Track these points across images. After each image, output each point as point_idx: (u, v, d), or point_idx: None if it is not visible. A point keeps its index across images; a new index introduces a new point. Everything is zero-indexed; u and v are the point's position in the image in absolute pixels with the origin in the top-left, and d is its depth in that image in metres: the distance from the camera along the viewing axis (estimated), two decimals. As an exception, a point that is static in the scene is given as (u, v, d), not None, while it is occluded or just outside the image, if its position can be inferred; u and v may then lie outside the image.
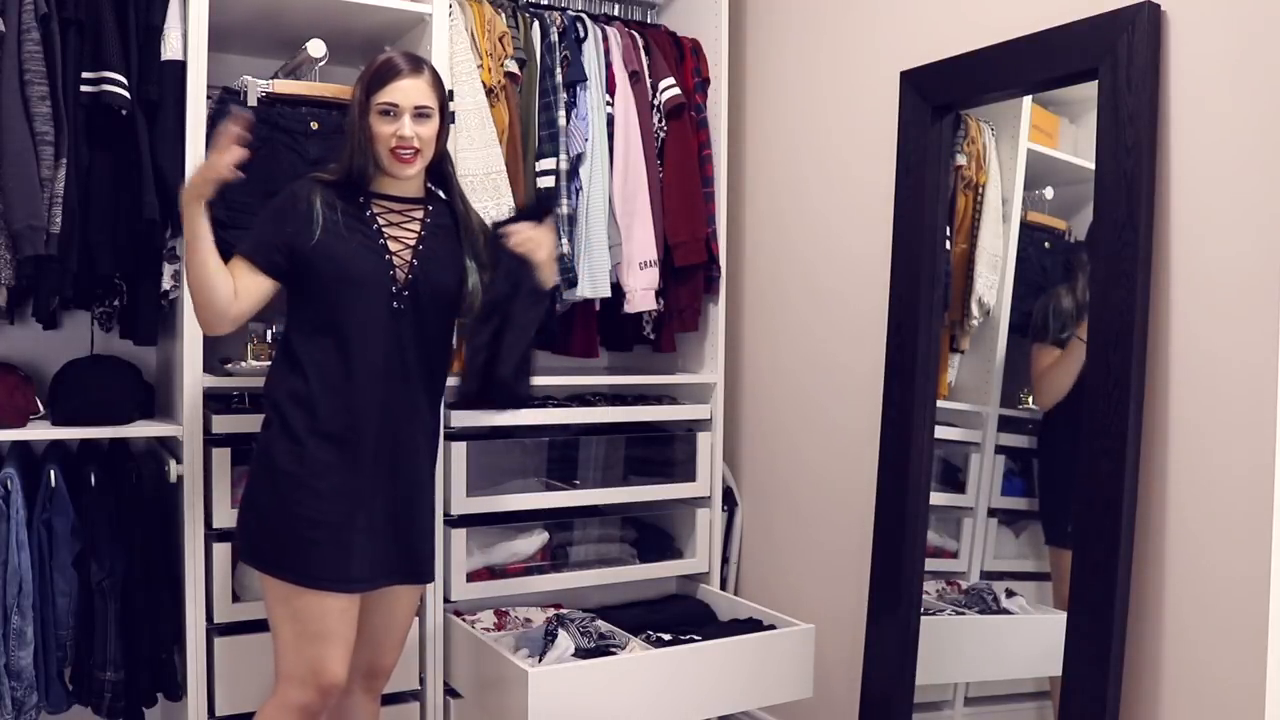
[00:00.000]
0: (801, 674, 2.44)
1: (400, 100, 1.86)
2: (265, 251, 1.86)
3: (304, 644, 1.83)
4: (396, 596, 2.00)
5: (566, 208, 2.55)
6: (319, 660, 1.83)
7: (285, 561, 1.83)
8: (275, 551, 1.84)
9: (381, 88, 1.86)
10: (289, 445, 1.84)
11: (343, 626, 1.85)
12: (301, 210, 1.87)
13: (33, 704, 2.11)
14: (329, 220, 1.86)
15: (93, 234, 2.15)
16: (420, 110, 1.88)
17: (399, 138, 1.86)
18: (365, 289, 1.86)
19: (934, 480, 2.33)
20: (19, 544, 2.09)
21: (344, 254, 1.86)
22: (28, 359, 2.42)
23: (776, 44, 2.85)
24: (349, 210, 1.89)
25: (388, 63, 1.89)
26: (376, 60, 1.91)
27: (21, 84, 2.03)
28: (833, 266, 2.65)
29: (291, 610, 1.83)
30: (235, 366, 2.32)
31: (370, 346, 1.86)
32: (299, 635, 1.83)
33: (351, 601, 1.86)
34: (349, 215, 1.89)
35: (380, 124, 1.87)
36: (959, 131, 2.34)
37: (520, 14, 2.60)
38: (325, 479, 1.83)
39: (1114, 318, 1.87)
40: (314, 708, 1.85)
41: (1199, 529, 1.79)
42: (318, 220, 1.85)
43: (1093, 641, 1.88)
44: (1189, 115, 1.82)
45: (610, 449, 2.77)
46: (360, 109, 1.88)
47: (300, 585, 1.81)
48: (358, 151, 1.89)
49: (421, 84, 1.88)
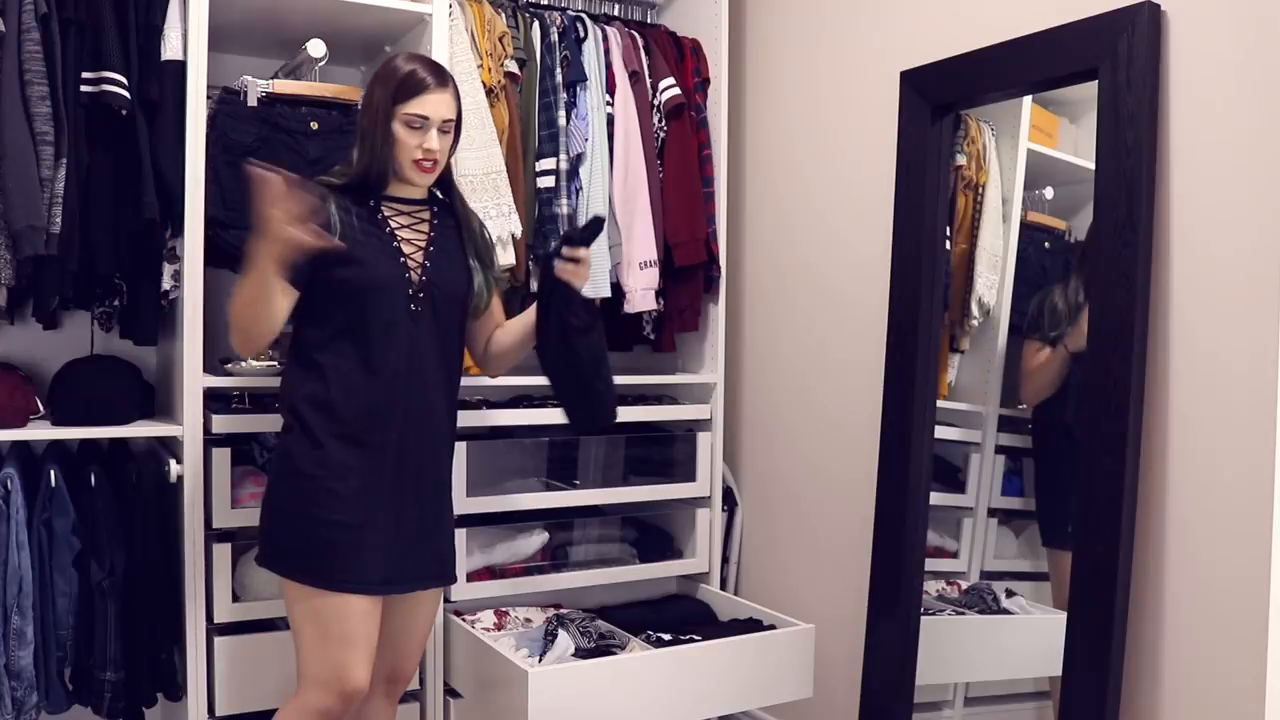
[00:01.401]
0: (801, 674, 2.44)
1: (430, 113, 1.86)
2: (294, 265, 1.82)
3: (326, 647, 1.81)
4: (419, 600, 1.99)
5: (566, 208, 2.55)
6: (342, 665, 1.81)
7: (306, 564, 1.82)
8: (297, 554, 1.83)
9: (411, 99, 1.85)
10: (309, 449, 1.84)
11: (365, 629, 1.83)
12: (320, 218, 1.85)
13: (33, 704, 2.11)
14: (346, 225, 1.86)
15: (93, 234, 2.15)
16: (445, 124, 1.89)
17: (425, 150, 1.87)
18: (384, 292, 1.86)
19: (934, 480, 2.33)
20: (19, 544, 2.09)
21: (363, 258, 1.85)
22: (28, 359, 2.42)
23: (776, 44, 2.85)
24: (361, 214, 1.89)
25: (415, 74, 1.86)
26: (401, 68, 1.88)
27: (21, 84, 2.03)
28: (833, 266, 2.65)
29: (313, 612, 1.82)
30: (235, 366, 2.31)
31: (390, 349, 1.86)
32: (321, 638, 1.81)
33: (374, 604, 1.85)
34: (362, 219, 1.88)
35: (406, 134, 1.86)
36: (959, 131, 2.34)
37: (520, 14, 2.60)
38: (346, 481, 1.83)
39: (1114, 318, 1.87)
40: (334, 712, 1.83)
41: (1199, 529, 1.79)
42: (335, 227, 1.84)
43: (1093, 641, 1.88)
44: (1189, 115, 1.82)
45: (610, 449, 2.77)
46: (384, 115, 1.86)
47: (321, 588, 1.80)
48: (378, 157, 1.88)
49: (448, 98, 1.89)
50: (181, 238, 2.18)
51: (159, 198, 2.16)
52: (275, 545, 1.88)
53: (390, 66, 1.90)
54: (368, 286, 1.85)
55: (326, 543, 1.81)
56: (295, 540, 1.84)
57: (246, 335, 1.82)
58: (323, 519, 1.82)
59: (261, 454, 2.37)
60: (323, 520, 1.82)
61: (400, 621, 1.98)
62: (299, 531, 1.83)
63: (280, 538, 1.86)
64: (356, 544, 1.82)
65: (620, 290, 2.66)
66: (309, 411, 1.85)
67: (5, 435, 2.15)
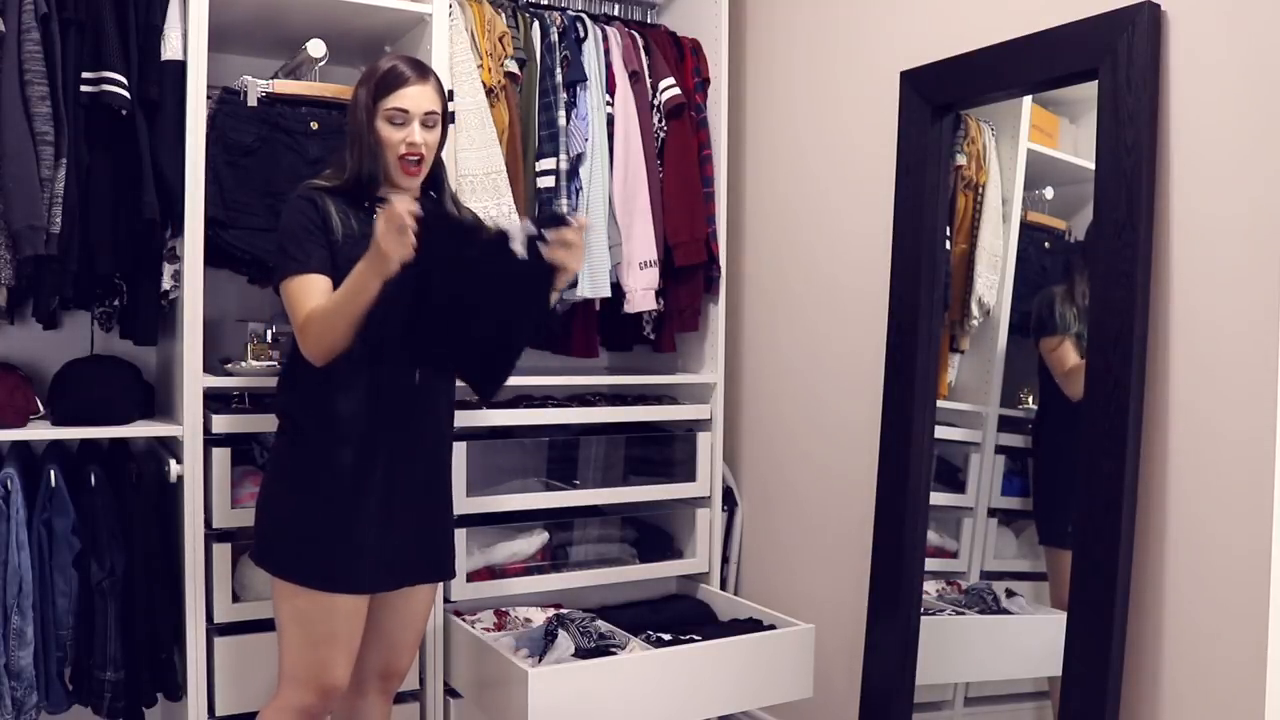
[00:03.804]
0: (801, 674, 2.44)
1: (410, 106, 1.85)
2: (327, 267, 1.82)
3: (309, 646, 1.84)
4: (413, 596, 2.00)
5: (566, 208, 2.55)
6: (322, 664, 1.84)
7: (296, 563, 1.83)
8: (288, 555, 1.85)
9: (389, 94, 1.85)
10: (305, 450, 1.85)
11: (348, 628, 1.85)
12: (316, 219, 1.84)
13: (33, 704, 2.11)
14: (346, 228, 1.85)
15: (93, 234, 2.15)
16: (428, 116, 1.88)
17: (409, 144, 1.86)
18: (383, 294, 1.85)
19: (934, 480, 2.33)
20: (19, 544, 2.09)
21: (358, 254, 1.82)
22: (28, 359, 2.42)
23: (776, 44, 2.85)
24: (358, 217, 1.88)
25: (394, 69, 1.87)
26: (381, 66, 1.89)
27: (21, 84, 2.03)
28: (833, 266, 2.65)
29: (299, 611, 1.84)
30: (235, 366, 2.31)
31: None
32: (305, 637, 1.84)
33: (361, 602, 1.87)
34: (360, 222, 1.87)
35: (388, 130, 1.86)
36: (959, 131, 2.34)
37: (520, 14, 2.60)
38: (339, 482, 1.84)
39: (1114, 318, 1.87)
40: (314, 710, 1.86)
41: (1199, 529, 1.79)
42: (337, 230, 1.84)
43: (1093, 641, 1.88)
44: (1189, 115, 1.82)
45: (610, 449, 2.77)
46: (366, 114, 1.86)
47: (309, 587, 1.82)
48: (367, 157, 1.87)
49: (429, 90, 1.89)
50: (181, 238, 2.18)
51: (159, 198, 2.16)
52: (267, 544, 1.89)
53: (371, 67, 1.91)
54: None
55: (316, 542, 1.83)
56: (286, 540, 1.85)
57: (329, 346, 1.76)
58: (317, 520, 1.83)
59: (261, 454, 2.37)
60: (317, 522, 1.83)
61: (394, 617, 1.99)
62: (290, 531, 1.85)
63: (272, 537, 1.88)
64: (347, 544, 1.83)
65: (620, 290, 2.66)
66: (306, 414, 1.86)
67: (5, 435, 2.15)
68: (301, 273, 1.80)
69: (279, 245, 1.85)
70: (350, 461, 1.84)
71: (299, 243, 1.82)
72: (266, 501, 1.92)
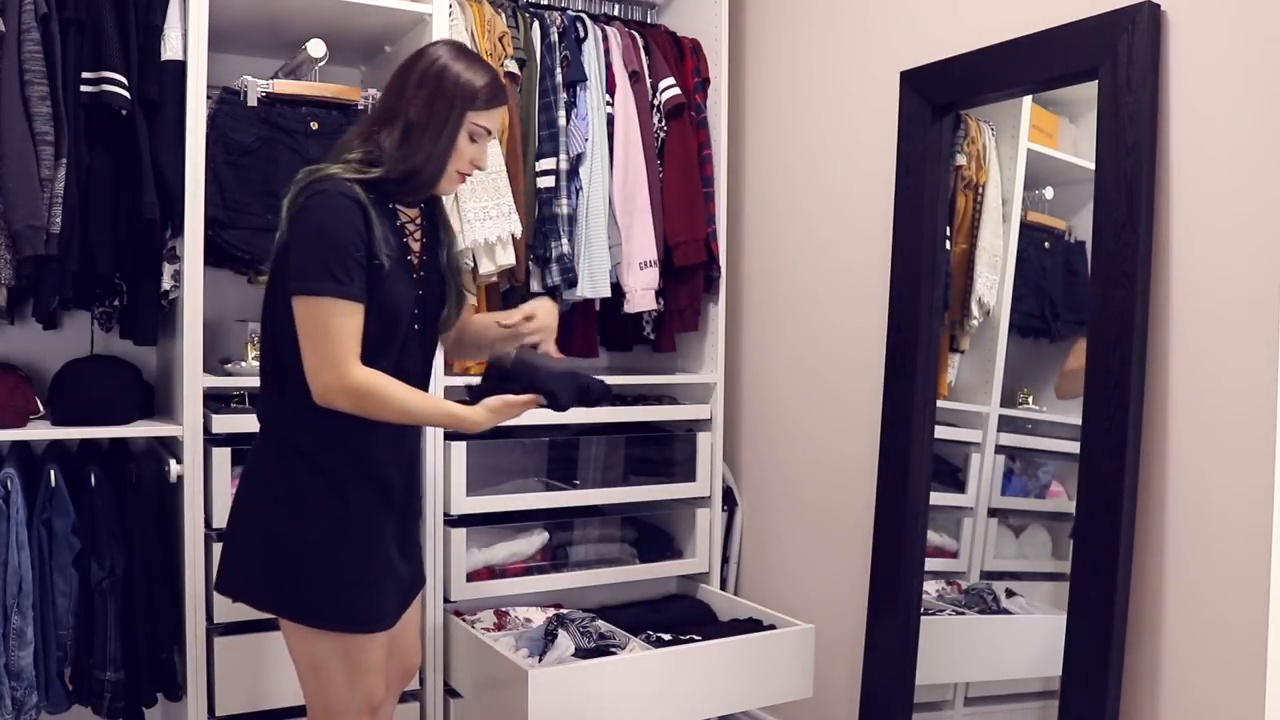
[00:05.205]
0: (801, 674, 2.44)
1: (494, 128, 1.76)
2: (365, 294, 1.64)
3: (354, 680, 1.74)
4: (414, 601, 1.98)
5: (566, 208, 2.55)
6: (368, 691, 1.76)
7: (333, 611, 1.70)
8: (326, 602, 1.69)
9: (488, 109, 1.72)
10: (325, 485, 1.69)
11: (384, 652, 1.80)
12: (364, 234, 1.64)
13: (33, 704, 2.11)
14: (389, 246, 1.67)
15: (93, 234, 2.15)
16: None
17: (475, 164, 1.76)
18: (404, 311, 1.72)
19: (934, 480, 2.33)
20: (19, 544, 2.09)
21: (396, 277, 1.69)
22: (28, 359, 2.42)
23: (776, 44, 2.85)
24: (391, 226, 1.72)
25: (498, 85, 1.74)
26: (481, 76, 1.72)
27: (21, 84, 2.03)
28: (833, 266, 2.65)
29: (342, 654, 1.72)
30: (235, 366, 2.32)
31: (402, 374, 1.70)
32: (348, 673, 1.73)
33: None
34: (388, 230, 1.70)
35: (467, 144, 1.72)
36: (959, 131, 2.34)
37: (520, 14, 2.60)
38: (368, 519, 1.73)
39: (1114, 318, 1.87)
40: None
41: (1199, 529, 1.79)
42: (381, 252, 1.65)
43: (1093, 641, 1.88)
44: (1189, 115, 1.82)
45: (610, 449, 2.77)
46: (457, 119, 1.70)
47: (347, 633, 1.71)
48: (436, 160, 1.71)
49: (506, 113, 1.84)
50: (181, 238, 2.18)
51: (159, 198, 2.16)
52: (294, 594, 1.71)
53: (467, 73, 1.71)
54: (397, 308, 1.70)
55: (355, 588, 1.71)
56: (313, 587, 1.70)
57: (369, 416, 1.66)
58: (351, 563, 1.71)
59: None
60: (352, 564, 1.71)
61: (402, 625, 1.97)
62: (317, 576, 1.70)
63: (300, 586, 1.70)
64: (380, 585, 1.76)
65: (620, 290, 2.66)
66: (322, 449, 1.70)
67: (5, 435, 2.15)
68: (340, 297, 1.59)
69: (315, 249, 1.61)
70: (378, 500, 1.75)
71: (343, 260, 1.60)
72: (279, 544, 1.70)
